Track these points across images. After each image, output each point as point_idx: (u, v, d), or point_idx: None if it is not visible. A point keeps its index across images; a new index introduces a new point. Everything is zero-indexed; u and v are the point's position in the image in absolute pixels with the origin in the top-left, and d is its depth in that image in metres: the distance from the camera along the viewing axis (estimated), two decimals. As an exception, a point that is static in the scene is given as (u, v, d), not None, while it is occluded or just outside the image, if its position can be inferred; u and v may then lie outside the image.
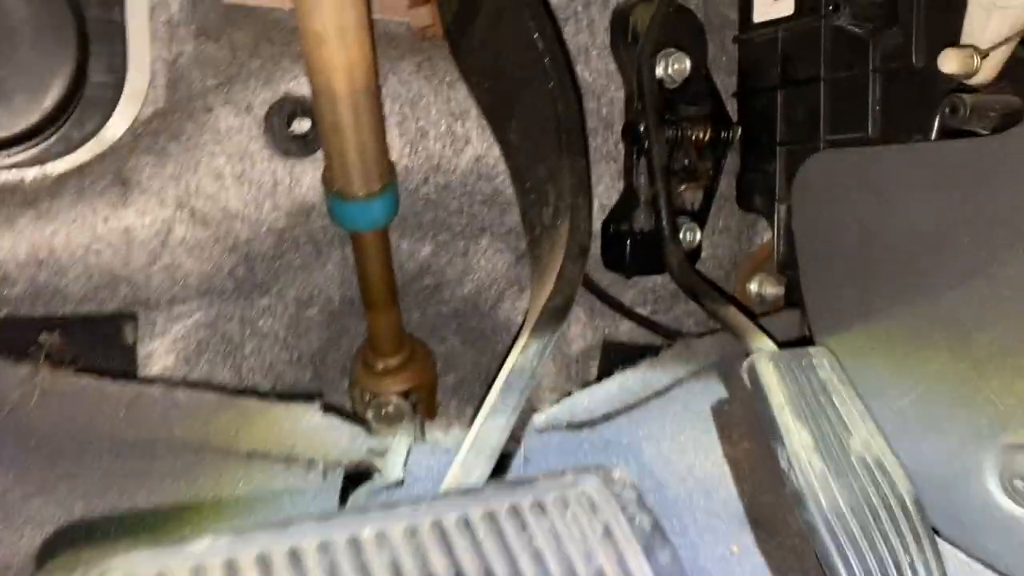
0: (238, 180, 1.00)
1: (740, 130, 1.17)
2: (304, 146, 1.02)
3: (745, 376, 0.89)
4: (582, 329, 1.23)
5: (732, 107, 1.22)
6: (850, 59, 1.03)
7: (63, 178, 0.95)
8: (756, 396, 0.86)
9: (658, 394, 0.98)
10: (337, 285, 1.16)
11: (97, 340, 0.98)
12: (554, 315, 0.69)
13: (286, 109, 1.01)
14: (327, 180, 0.95)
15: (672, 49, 1.16)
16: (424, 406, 1.19)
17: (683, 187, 1.15)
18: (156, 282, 1.00)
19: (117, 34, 0.96)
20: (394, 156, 1.06)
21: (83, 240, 0.95)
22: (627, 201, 1.16)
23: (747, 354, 0.90)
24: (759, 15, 1.17)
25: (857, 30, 0.99)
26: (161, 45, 1.00)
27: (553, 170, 0.79)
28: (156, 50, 0.99)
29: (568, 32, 1.14)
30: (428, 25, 1.14)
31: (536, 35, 0.77)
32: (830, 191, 1.02)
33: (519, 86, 0.82)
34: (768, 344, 0.92)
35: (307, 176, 1.03)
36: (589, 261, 0.89)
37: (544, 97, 0.79)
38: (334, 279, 1.15)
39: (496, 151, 1.09)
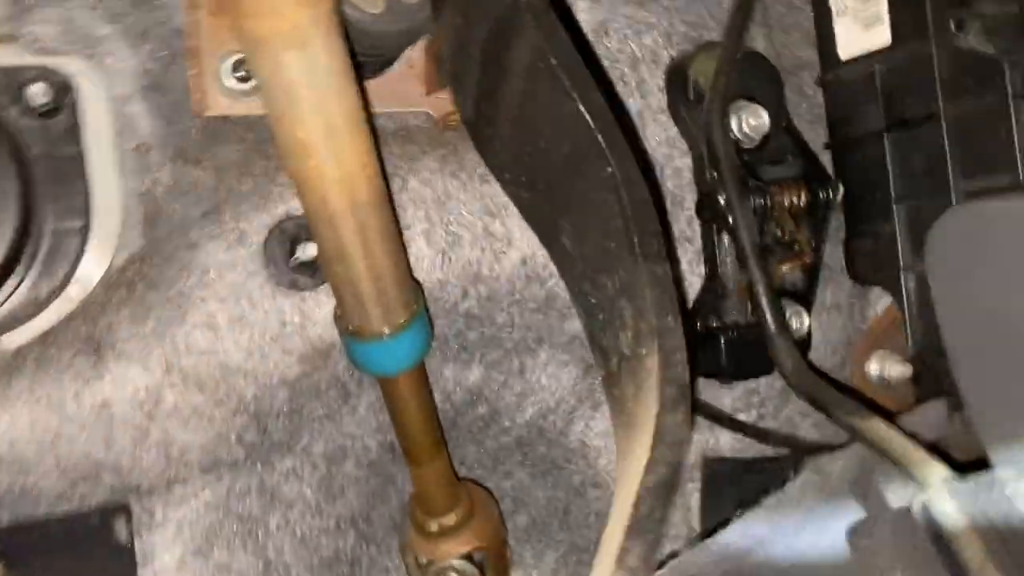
0: (236, 327, 0.82)
1: (841, 188, 0.96)
2: (314, 274, 0.83)
3: (919, 520, 0.66)
4: (676, 449, 1.01)
5: (825, 161, 1.01)
6: (978, 87, 0.81)
7: (22, 352, 0.78)
8: (941, 553, 0.63)
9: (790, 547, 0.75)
10: (373, 430, 0.96)
11: (82, 545, 0.79)
12: (657, 497, 0.48)
13: (288, 233, 0.83)
14: (339, 319, 0.76)
15: (744, 102, 0.96)
16: (492, 566, 0.98)
17: (782, 266, 0.93)
18: (148, 463, 0.81)
19: (76, 169, 0.80)
20: (423, 271, 0.87)
21: (50, 425, 0.77)
22: (713, 290, 0.95)
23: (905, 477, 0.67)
24: (846, 50, 0.96)
25: (985, 50, 0.78)
26: (131, 176, 0.83)
27: (626, 282, 0.58)
28: (126, 183, 0.83)
29: (623, 97, 0.95)
30: (451, 113, 0.95)
31: (581, 107, 0.57)
32: (979, 253, 0.80)
33: (567, 176, 0.62)
34: (939, 471, 0.69)
35: (321, 309, 0.85)
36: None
37: (602, 187, 0.59)
38: (368, 424, 0.95)
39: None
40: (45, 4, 0.79)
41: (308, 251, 0.82)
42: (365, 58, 0.85)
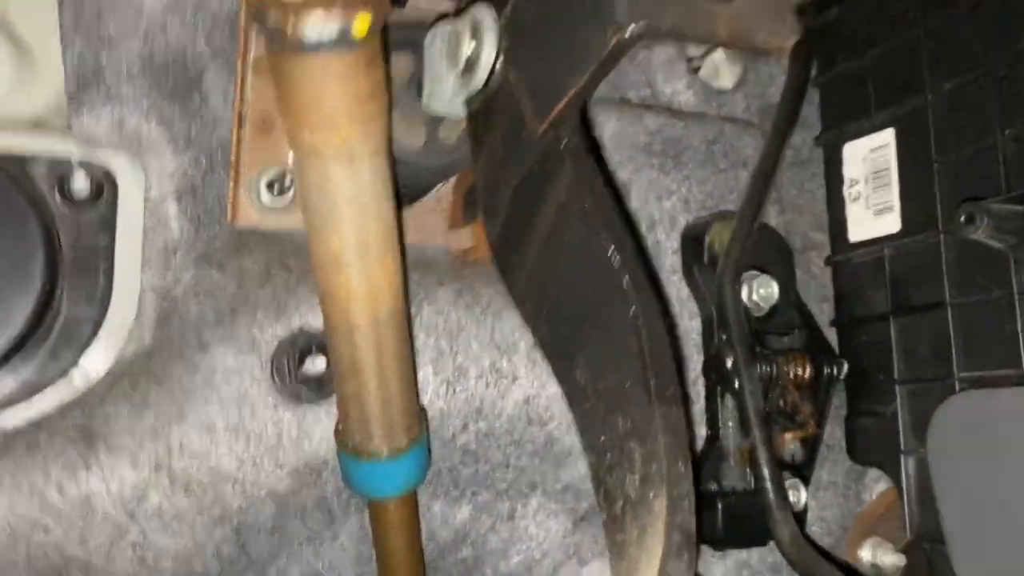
0: (233, 433, 0.81)
1: (846, 366, 0.97)
2: (319, 390, 0.83)
3: None
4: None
5: (831, 339, 1.03)
6: (986, 280, 0.84)
7: (13, 434, 0.76)
8: None
9: None
10: (352, 562, 0.92)
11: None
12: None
13: (299, 345, 0.84)
14: (340, 435, 0.75)
15: (755, 272, 0.98)
16: None
17: (785, 435, 0.93)
18: (120, 565, 0.78)
19: (102, 261, 0.81)
20: (426, 398, 0.87)
21: (28, 513, 0.74)
22: (713, 454, 0.94)
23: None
24: (856, 234, 1.00)
25: (993, 244, 0.81)
26: (154, 273, 0.84)
27: (638, 423, 0.58)
28: (148, 279, 0.84)
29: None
30: (470, 248, 0.98)
31: (611, 249, 0.59)
32: (981, 443, 0.80)
33: (588, 313, 0.64)
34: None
35: (320, 426, 0.84)
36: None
37: (623, 328, 0.60)
38: (348, 555, 0.92)
39: (550, 391, 0.90)
40: (101, 102, 0.82)
41: (316, 365, 0.82)
42: (400, 189, 0.88)
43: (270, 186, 0.89)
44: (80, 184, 0.81)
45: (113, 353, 0.82)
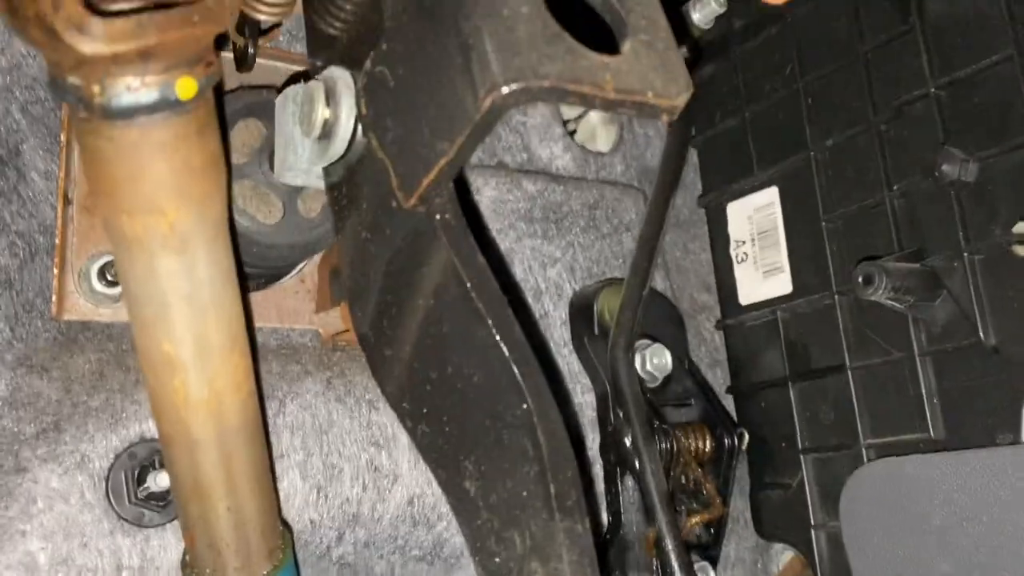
0: (60, 570, 0.67)
1: (747, 436, 0.92)
2: (164, 509, 0.71)
3: None
4: None
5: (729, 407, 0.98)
6: (884, 341, 0.81)
7: None
8: None
9: None
10: None
11: None
12: None
13: (138, 458, 0.71)
14: (187, 567, 0.63)
15: (647, 340, 0.93)
16: None
17: (692, 518, 0.87)
18: None
19: None
20: (294, 509, 0.76)
21: None
22: (617, 542, 0.86)
23: None
24: (747, 296, 0.96)
25: (893, 305, 0.77)
26: None
27: (539, 540, 0.50)
28: None
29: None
30: (340, 332, 0.89)
31: (496, 335, 0.51)
32: (895, 513, 0.76)
33: (475, 411, 0.55)
34: None
35: (167, 553, 0.71)
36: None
37: (515, 427, 0.52)
38: None
39: (436, 487, 0.80)
40: None
41: (160, 481, 0.70)
42: (253, 269, 0.78)
43: (102, 273, 0.78)
44: None
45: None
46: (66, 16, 0.41)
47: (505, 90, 0.43)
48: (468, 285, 0.52)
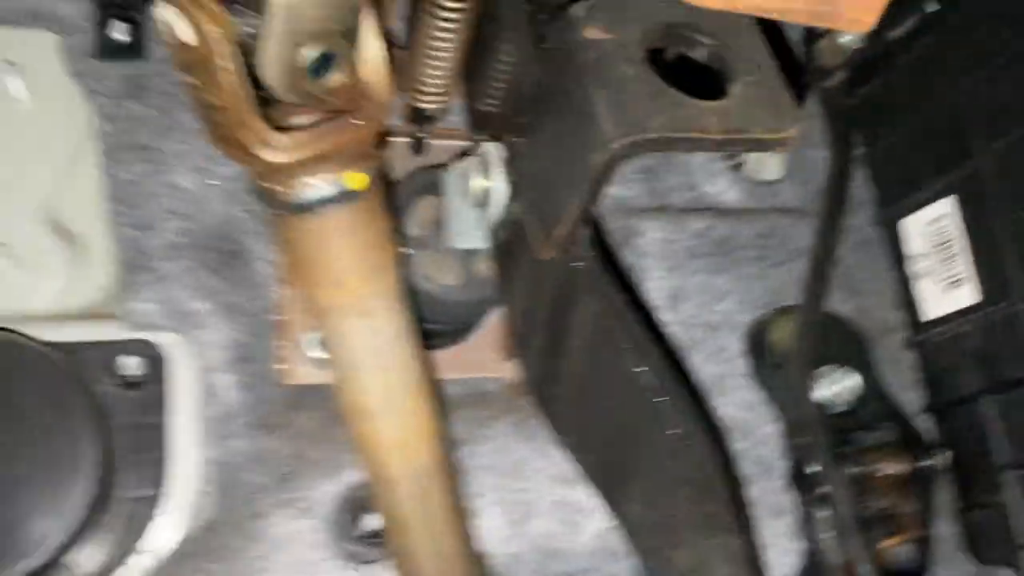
0: (297, 602, 0.78)
1: (949, 455, 0.88)
2: (378, 547, 0.80)
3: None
4: None
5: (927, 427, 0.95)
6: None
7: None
8: None
9: None
10: None
11: None
12: None
13: (355, 502, 0.81)
14: (398, 595, 0.72)
15: (831, 366, 0.92)
16: None
17: (887, 542, 0.85)
18: None
19: (157, 438, 0.81)
20: (492, 545, 0.83)
21: None
22: (812, 569, 0.86)
23: None
24: (932, 311, 0.93)
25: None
26: (211, 445, 0.84)
27: (702, 557, 0.53)
28: (205, 452, 0.84)
29: (696, 363, 0.93)
30: (526, 378, 0.95)
31: (643, 370, 0.56)
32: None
33: (633, 442, 0.60)
34: None
35: (386, 584, 0.80)
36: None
37: (670, 453, 0.56)
38: None
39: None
40: (148, 284, 0.85)
41: (372, 522, 0.79)
42: (442, 327, 0.87)
43: (319, 341, 0.89)
44: (131, 366, 0.82)
45: (177, 532, 0.81)
46: (255, 135, 0.51)
47: (616, 145, 0.48)
48: (613, 326, 0.57)
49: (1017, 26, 0.83)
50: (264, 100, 0.54)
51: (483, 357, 0.95)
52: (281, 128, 0.53)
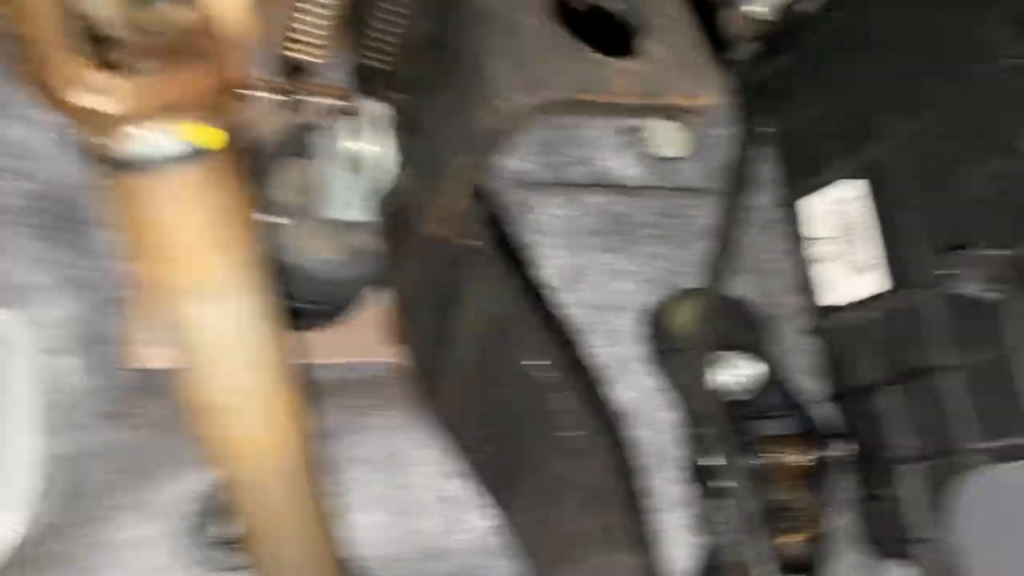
0: (145, 613, 0.69)
1: (853, 445, 0.85)
2: (236, 552, 0.71)
3: None
4: None
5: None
6: (985, 336, 0.74)
7: None
8: None
9: None
10: None
11: None
12: None
13: (211, 504, 0.73)
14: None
15: (730, 352, 0.88)
16: None
17: (787, 537, 0.81)
18: None
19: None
20: (372, 544, 0.75)
21: None
22: (709, 566, 0.82)
23: None
24: (833, 297, 0.90)
25: (986, 296, 0.71)
26: (55, 438, 0.73)
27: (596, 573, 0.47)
28: (49, 446, 0.73)
29: (596, 346, 0.88)
30: (413, 362, 0.88)
31: (536, 364, 0.49)
32: (1008, 522, 0.69)
33: (526, 439, 0.53)
34: None
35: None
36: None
37: (565, 456, 0.50)
38: None
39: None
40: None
41: (232, 525, 0.71)
42: (315, 305, 0.79)
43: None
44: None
45: (12, 536, 0.71)
46: (70, 75, 0.42)
47: (507, 104, 0.41)
48: (502, 310, 0.50)
49: (927, 6, 0.80)
50: (98, 38, 0.45)
51: (366, 340, 0.87)
52: (113, 69, 0.44)
